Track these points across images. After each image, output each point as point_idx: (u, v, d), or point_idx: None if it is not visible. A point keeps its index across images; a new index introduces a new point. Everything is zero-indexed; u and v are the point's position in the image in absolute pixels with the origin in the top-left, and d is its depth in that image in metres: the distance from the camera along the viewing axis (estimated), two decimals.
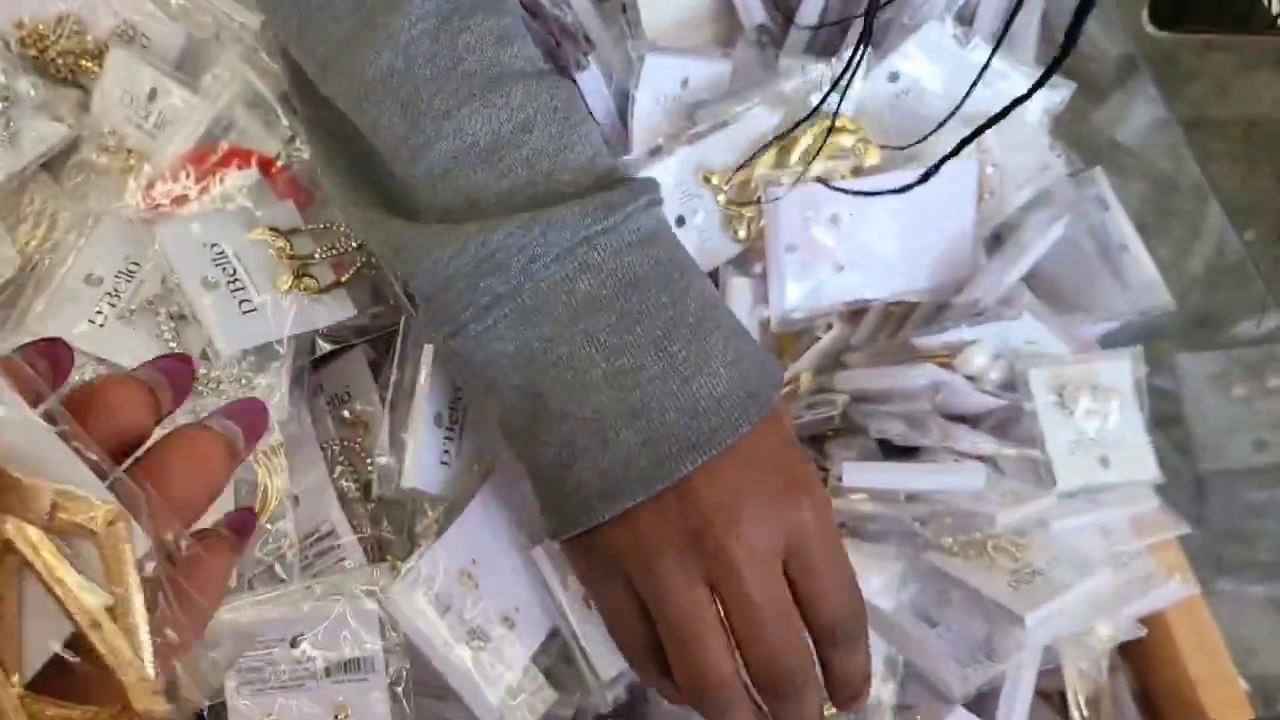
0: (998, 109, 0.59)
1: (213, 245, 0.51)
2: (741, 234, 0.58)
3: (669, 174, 0.57)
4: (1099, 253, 0.59)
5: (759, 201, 0.57)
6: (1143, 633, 0.57)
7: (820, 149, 0.57)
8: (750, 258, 0.60)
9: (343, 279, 0.52)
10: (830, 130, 0.57)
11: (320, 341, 0.52)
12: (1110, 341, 0.62)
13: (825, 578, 0.44)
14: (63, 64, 0.61)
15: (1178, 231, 0.62)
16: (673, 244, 0.46)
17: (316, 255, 0.52)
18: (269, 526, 0.48)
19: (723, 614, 0.43)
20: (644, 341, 0.43)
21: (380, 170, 0.47)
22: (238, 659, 0.46)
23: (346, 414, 0.55)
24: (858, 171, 0.58)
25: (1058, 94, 0.61)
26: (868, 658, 0.46)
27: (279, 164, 0.55)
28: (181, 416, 0.48)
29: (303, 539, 0.50)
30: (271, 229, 0.51)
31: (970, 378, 0.57)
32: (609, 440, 0.43)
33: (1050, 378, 0.58)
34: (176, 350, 0.49)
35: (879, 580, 0.54)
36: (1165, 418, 0.55)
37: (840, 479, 0.55)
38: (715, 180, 0.58)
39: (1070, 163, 0.60)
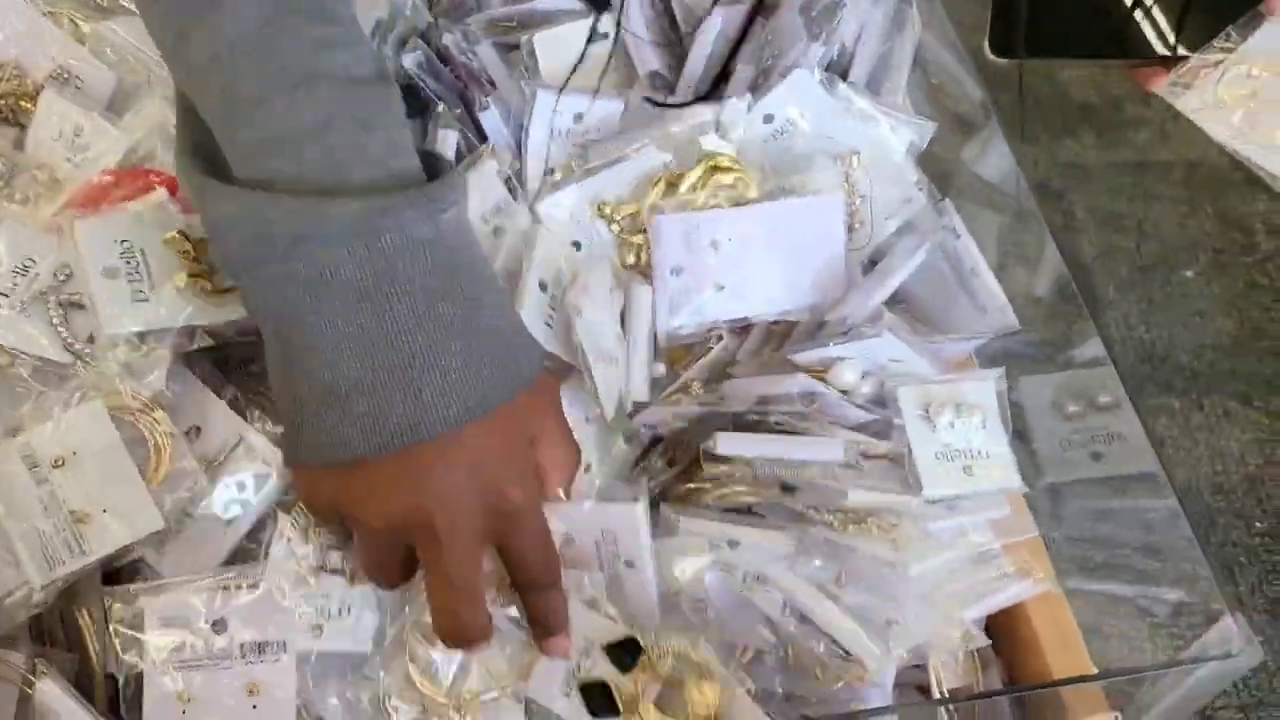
0: (867, 145, 0.65)
1: (122, 240, 0.55)
2: (631, 260, 0.63)
3: (565, 205, 0.62)
4: (955, 277, 0.65)
5: (646, 231, 0.62)
6: (987, 642, 0.62)
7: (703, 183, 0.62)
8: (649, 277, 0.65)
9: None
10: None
11: (203, 335, 0.56)
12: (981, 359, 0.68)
13: (528, 549, 0.52)
14: (3, 105, 0.65)
15: (1023, 263, 0.68)
16: (448, 248, 0.49)
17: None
18: (176, 466, 0.53)
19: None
20: (386, 334, 0.47)
21: (212, 144, 0.51)
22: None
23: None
24: (738, 204, 0.63)
25: (921, 132, 0.66)
26: (563, 603, 0.53)
27: None
28: (64, 394, 0.53)
29: (215, 454, 0.56)
30: (182, 234, 0.56)
31: (843, 392, 0.62)
32: (326, 410, 0.48)
33: (918, 395, 0.62)
34: (65, 335, 0.55)
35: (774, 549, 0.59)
36: (1017, 431, 0.60)
37: (716, 449, 0.60)
38: (608, 212, 0.63)
39: (931, 195, 0.66)
